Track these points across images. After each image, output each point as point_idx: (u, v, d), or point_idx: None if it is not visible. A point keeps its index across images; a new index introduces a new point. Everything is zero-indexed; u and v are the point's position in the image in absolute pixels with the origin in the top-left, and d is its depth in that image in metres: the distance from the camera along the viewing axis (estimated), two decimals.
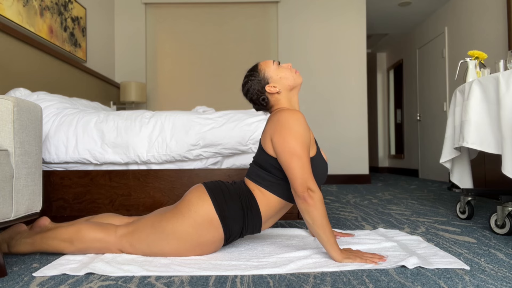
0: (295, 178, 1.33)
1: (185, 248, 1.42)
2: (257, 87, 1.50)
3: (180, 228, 1.39)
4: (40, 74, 2.93)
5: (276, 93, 1.50)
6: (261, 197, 1.46)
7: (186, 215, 1.39)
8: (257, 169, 1.50)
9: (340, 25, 4.91)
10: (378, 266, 1.30)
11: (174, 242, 1.40)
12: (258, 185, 1.47)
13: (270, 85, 1.49)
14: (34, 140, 1.37)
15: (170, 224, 1.40)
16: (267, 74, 1.50)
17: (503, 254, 1.48)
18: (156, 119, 2.22)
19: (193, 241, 1.40)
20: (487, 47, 4.32)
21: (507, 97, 1.80)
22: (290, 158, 1.34)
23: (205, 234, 1.40)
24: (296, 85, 1.53)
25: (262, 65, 1.53)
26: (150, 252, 1.44)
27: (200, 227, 1.39)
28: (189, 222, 1.39)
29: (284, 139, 1.36)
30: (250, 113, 2.33)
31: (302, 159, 1.34)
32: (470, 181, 2.32)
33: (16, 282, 1.19)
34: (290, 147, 1.35)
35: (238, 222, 1.43)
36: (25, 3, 2.72)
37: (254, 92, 1.51)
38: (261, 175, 1.47)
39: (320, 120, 4.91)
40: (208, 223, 1.39)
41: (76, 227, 1.45)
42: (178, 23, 4.85)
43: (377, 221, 2.23)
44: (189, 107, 4.84)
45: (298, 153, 1.34)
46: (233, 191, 1.47)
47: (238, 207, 1.43)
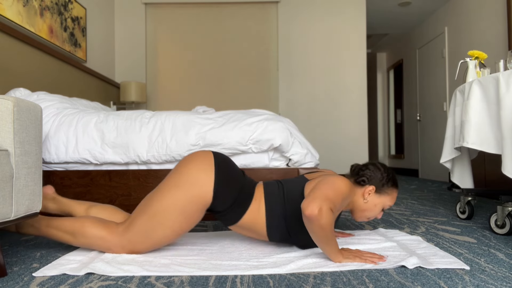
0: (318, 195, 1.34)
1: (178, 221, 1.41)
2: (374, 178, 1.52)
3: (173, 201, 1.40)
4: (40, 74, 2.93)
5: (362, 196, 1.53)
6: (254, 209, 1.48)
7: (182, 187, 1.41)
8: (279, 191, 1.51)
9: (340, 25, 4.91)
10: (378, 266, 1.30)
11: (169, 219, 1.40)
12: (264, 200, 1.49)
13: (371, 192, 1.52)
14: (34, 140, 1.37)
15: (164, 201, 1.40)
16: (384, 196, 1.54)
17: (503, 254, 1.48)
18: (156, 119, 2.22)
19: (182, 212, 1.41)
20: (487, 47, 4.31)
21: (507, 97, 1.80)
22: (329, 184, 1.37)
23: (193, 208, 1.42)
24: (353, 214, 1.59)
25: (395, 194, 1.57)
26: (149, 241, 1.43)
27: (191, 199, 1.40)
28: (183, 194, 1.40)
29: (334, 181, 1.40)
30: (250, 113, 2.33)
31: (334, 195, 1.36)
32: (471, 181, 2.32)
33: (16, 282, 1.19)
34: (335, 182, 1.39)
35: (223, 206, 1.45)
36: (25, 3, 2.72)
37: (370, 174, 1.53)
38: (276, 199, 1.48)
39: (320, 120, 4.91)
40: (201, 198, 1.41)
41: (81, 222, 1.46)
42: (178, 23, 4.85)
43: (377, 221, 2.23)
44: (189, 107, 4.84)
45: (336, 190, 1.37)
46: (238, 179, 1.49)
47: (232, 196, 1.45)
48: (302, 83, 4.90)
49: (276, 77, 4.89)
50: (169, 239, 1.45)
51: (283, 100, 4.89)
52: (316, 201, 1.28)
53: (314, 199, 1.29)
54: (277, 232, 1.49)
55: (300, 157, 2.22)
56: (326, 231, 1.29)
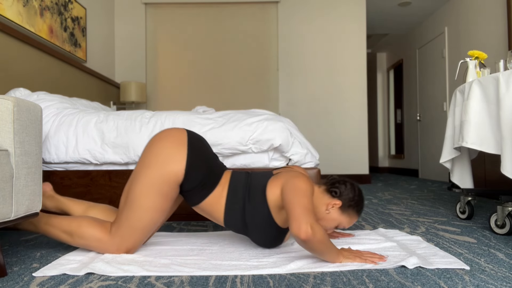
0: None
1: (157, 201, 1.42)
2: (344, 195, 1.51)
3: (148, 182, 1.40)
4: (40, 74, 2.93)
5: (326, 206, 1.51)
6: (217, 194, 1.48)
7: (154, 166, 1.41)
8: (245, 182, 1.51)
9: (340, 25, 4.91)
10: (378, 266, 1.30)
11: (148, 200, 1.41)
12: (228, 187, 1.49)
13: (335, 206, 1.50)
14: (34, 140, 1.37)
15: (140, 185, 1.41)
16: (345, 215, 1.52)
17: (503, 254, 1.48)
18: (156, 119, 2.22)
19: (158, 193, 1.41)
20: (487, 47, 4.32)
21: (507, 97, 1.80)
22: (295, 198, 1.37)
23: (168, 187, 1.42)
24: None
25: (356, 217, 1.55)
26: (137, 231, 1.43)
27: (164, 179, 1.41)
28: (156, 173, 1.40)
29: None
30: (250, 113, 2.33)
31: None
32: (470, 181, 2.32)
33: (16, 282, 1.19)
34: (298, 187, 1.38)
35: (191, 186, 1.45)
36: (25, 3, 2.72)
37: (342, 188, 1.52)
38: (238, 189, 1.49)
39: (320, 120, 4.91)
40: (173, 175, 1.41)
41: (78, 222, 1.47)
42: (178, 23, 4.85)
43: (377, 221, 2.23)
44: (189, 107, 4.84)
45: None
46: (209, 160, 1.50)
47: (201, 176, 1.45)
48: (302, 83, 4.90)
49: (276, 77, 4.89)
50: (155, 222, 1.45)
51: (283, 100, 4.89)
52: (302, 221, 1.25)
53: (300, 220, 1.25)
54: (233, 221, 1.48)
55: (300, 157, 2.22)
56: (325, 242, 1.28)
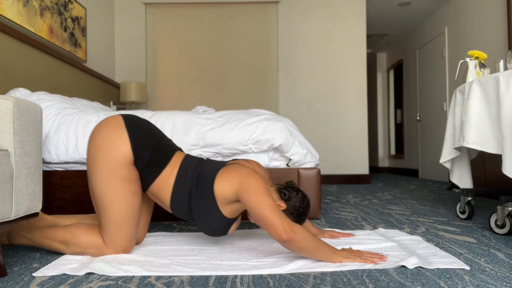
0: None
1: (124, 187, 1.41)
2: (291, 201, 1.49)
3: (105, 175, 1.40)
4: (40, 74, 2.93)
5: (277, 199, 1.50)
6: (166, 175, 1.46)
7: (103, 158, 1.41)
8: (196, 167, 1.49)
9: (340, 25, 4.92)
10: (378, 266, 1.30)
11: (116, 191, 1.40)
12: (178, 169, 1.47)
13: (279, 206, 1.48)
14: (34, 140, 1.37)
15: (99, 181, 1.40)
16: (286, 215, 1.50)
17: (503, 254, 1.48)
18: (156, 119, 2.22)
19: (118, 179, 1.40)
20: (487, 47, 4.32)
21: (507, 97, 1.80)
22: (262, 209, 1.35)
23: (124, 170, 1.42)
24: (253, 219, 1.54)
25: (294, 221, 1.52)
26: (121, 224, 1.42)
27: (118, 163, 1.40)
28: (108, 164, 1.40)
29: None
30: (250, 113, 2.33)
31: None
32: (470, 181, 2.32)
33: (16, 282, 1.19)
34: (254, 187, 1.38)
35: (143, 164, 1.45)
36: (25, 3, 2.72)
37: (292, 195, 1.50)
38: (188, 173, 1.47)
39: (320, 120, 4.91)
40: (123, 157, 1.41)
41: (71, 232, 1.45)
42: (178, 23, 4.85)
43: (377, 221, 2.23)
44: (189, 107, 4.84)
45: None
46: (154, 136, 1.49)
47: (149, 151, 1.45)
48: (302, 83, 4.90)
49: (276, 77, 4.89)
50: (132, 207, 1.43)
51: (283, 100, 4.89)
52: (278, 225, 1.26)
53: (275, 225, 1.27)
54: (179, 206, 1.46)
55: (300, 157, 2.22)
56: (309, 238, 1.28)
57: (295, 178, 2.27)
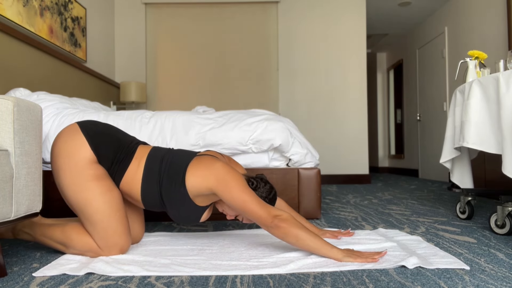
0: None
1: (96, 186, 1.40)
2: (257, 189, 1.53)
3: (73, 179, 1.40)
4: (40, 74, 2.93)
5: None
6: (132, 170, 1.46)
7: (66, 164, 1.41)
8: (165, 157, 1.49)
9: (340, 25, 4.92)
10: (378, 266, 1.30)
11: (89, 194, 1.39)
12: (144, 162, 1.46)
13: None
14: (34, 140, 1.37)
15: (70, 187, 1.40)
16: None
17: (503, 254, 1.48)
18: (156, 119, 2.22)
19: (87, 179, 1.40)
20: (487, 47, 4.32)
21: (507, 97, 1.80)
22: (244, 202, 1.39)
23: (90, 170, 1.42)
24: (217, 207, 1.58)
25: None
26: (107, 224, 1.41)
27: (81, 165, 1.40)
28: (72, 168, 1.40)
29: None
30: (250, 113, 2.33)
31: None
32: (470, 181, 2.32)
33: (16, 282, 1.19)
34: (227, 178, 1.41)
35: (107, 163, 1.45)
36: (25, 3, 2.72)
37: (260, 185, 1.54)
38: (159, 162, 1.47)
39: (320, 120, 4.91)
40: (85, 158, 1.41)
41: (67, 235, 1.46)
42: (178, 23, 4.85)
43: (377, 221, 2.23)
44: (189, 107, 4.84)
45: None
46: (112, 134, 1.50)
47: (110, 150, 1.45)
48: (302, 83, 4.90)
49: (276, 77, 4.89)
50: (112, 203, 1.42)
51: (283, 100, 4.89)
52: (265, 218, 1.34)
53: (263, 219, 1.34)
54: (151, 197, 1.46)
55: (300, 157, 2.22)
56: (299, 231, 1.34)
57: (295, 178, 2.27)
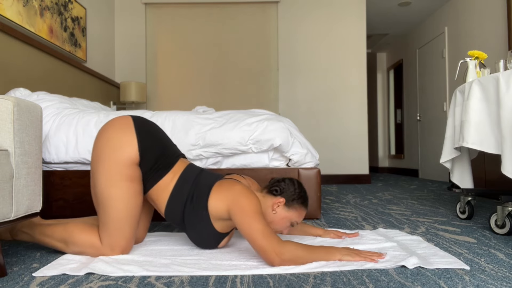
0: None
1: (126, 186, 1.41)
2: (286, 192, 1.50)
3: (108, 173, 1.40)
4: (40, 74, 2.93)
5: (271, 206, 1.50)
6: (166, 181, 1.46)
7: (107, 156, 1.40)
8: (196, 177, 1.49)
9: (340, 25, 4.92)
10: (378, 266, 1.30)
11: (118, 190, 1.39)
12: (178, 176, 1.48)
13: (280, 204, 1.49)
14: (34, 140, 1.37)
15: (102, 179, 1.40)
16: (292, 211, 1.50)
17: (503, 254, 1.48)
18: (156, 119, 2.22)
19: (121, 178, 1.40)
20: (487, 47, 4.32)
21: (507, 97, 1.80)
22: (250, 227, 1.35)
23: (128, 170, 1.42)
24: None
25: (303, 212, 1.53)
26: (122, 224, 1.42)
27: (123, 163, 1.41)
28: (112, 163, 1.40)
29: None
30: (250, 113, 2.33)
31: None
32: (470, 181, 2.32)
33: (16, 282, 1.19)
34: (246, 210, 1.37)
35: (146, 167, 1.45)
36: (25, 3, 2.72)
37: (283, 185, 1.52)
38: (187, 183, 1.47)
39: (320, 120, 4.91)
40: (129, 158, 1.41)
41: (69, 232, 1.46)
42: (178, 23, 4.85)
43: (377, 221, 2.23)
44: (189, 107, 4.84)
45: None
46: (161, 141, 1.50)
47: (155, 155, 1.45)
48: (302, 83, 4.90)
49: (276, 77, 4.89)
50: (133, 207, 1.43)
51: (283, 100, 4.89)
52: (268, 252, 1.28)
53: (266, 253, 1.28)
54: (173, 214, 1.47)
55: (300, 157, 2.22)
56: (300, 254, 1.29)
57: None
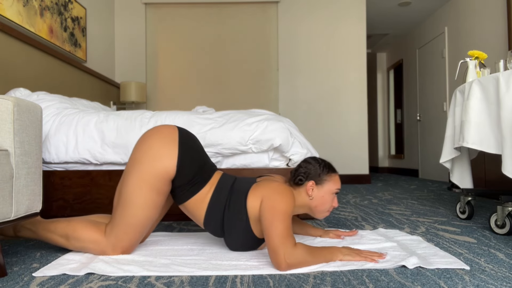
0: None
1: (150, 197, 1.41)
2: (310, 172, 1.48)
3: (140, 178, 1.40)
4: (40, 74, 2.93)
5: (305, 194, 1.49)
6: (203, 193, 1.46)
7: (145, 163, 1.41)
8: (231, 186, 1.49)
9: (340, 25, 4.91)
10: (378, 266, 1.30)
11: (141, 196, 1.40)
12: (214, 188, 1.48)
13: (313, 187, 1.48)
14: (34, 140, 1.37)
15: (132, 181, 1.40)
16: (326, 184, 1.49)
17: (503, 254, 1.48)
18: (156, 119, 2.22)
19: (151, 188, 1.40)
20: (487, 47, 4.32)
21: (507, 97, 1.80)
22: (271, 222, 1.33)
23: (160, 183, 1.42)
24: (313, 214, 1.54)
25: (336, 177, 1.51)
26: (131, 228, 1.42)
27: (156, 175, 1.40)
28: (148, 170, 1.40)
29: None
30: (250, 113, 2.33)
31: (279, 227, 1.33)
32: (470, 181, 2.32)
33: (16, 282, 1.19)
34: (276, 209, 1.34)
35: (182, 182, 1.45)
36: (25, 3, 2.72)
37: (304, 170, 1.50)
38: (223, 192, 1.47)
39: (320, 120, 4.91)
40: (165, 172, 1.41)
41: (72, 227, 1.47)
42: (178, 23, 4.85)
43: (377, 221, 2.23)
44: (189, 107, 4.84)
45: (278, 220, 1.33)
46: (201, 158, 1.49)
47: (192, 172, 1.45)
48: (302, 83, 4.90)
49: (276, 77, 4.89)
50: (149, 218, 1.44)
51: (283, 100, 4.89)
52: (278, 254, 1.26)
53: (276, 254, 1.26)
54: (212, 223, 1.47)
55: (300, 157, 2.22)
56: (307, 258, 1.29)
57: None
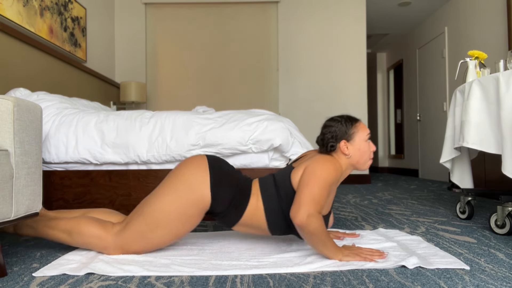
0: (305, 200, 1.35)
1: (176, 225, 1.42)
2: (337, 133, 1.48)
3: (172, 204, 1.40)
4: (40, 74, 2.93)
5: (342, 154, 1.49)
6: (253, 206, 1.47)
7: (179, 190, 1.41)
8: (273, 184, 1.50)
9: (340, 25, 4.91)
10: (378, 266, 1.30)
11: (168, 222, 1.40)
12: (261, 195, 1.48)
13: (347, 146, 1.48)
14: (34, 140, 1.37)
15: (162, 204, 1.41)
16: (355, 136, 1.49)
17: (503, 254, 1.48)
18: (156, 119, 2.22)
19: (180, 215, 1.41)
20: (487, 47, 4.32)
21: (507, 97, 1.80)
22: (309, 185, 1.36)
23: (193, 210, 1.42)
24: (358, 168, 1.53)
25: (360, 125, 1.51)
26: (145, 242, 1.43)
27: (190, 202, 1.41)
28: (181, 198, 1.40)
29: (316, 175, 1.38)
30: (250, 113, 2.33)
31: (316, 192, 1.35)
32: (470, 181, 2.32)
33: (16, 282, 1.19)
34: (318, 176, 1.36)
35: (223, 206, 1.45)
36: (25, 3, 2.72)
37: (330, 135, 1.49)
38: (270, 191, 1.48)
39: (320, 120, 4.91)
40: (200, 201, 1.42)
41: (76, 221, 1.47)
42: (178, 23, 4.85)
43: (377, 221, 2.23)
44: (189, 107, 4.84)
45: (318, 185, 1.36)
46: (234, 177, 1.50)
47: (230, 194, 1.45)
48: (302, 83, 4.90)
49: (276, 77, 4.89)
50: (166, 242, 1.46)
51: (283, 100, 4.89)
52: (303, 208, 1.29)
53: (300, 206, 1.30)
54: (277, 225, 1.49)
55: None
56: (319, 235, 1.31)
57: None
